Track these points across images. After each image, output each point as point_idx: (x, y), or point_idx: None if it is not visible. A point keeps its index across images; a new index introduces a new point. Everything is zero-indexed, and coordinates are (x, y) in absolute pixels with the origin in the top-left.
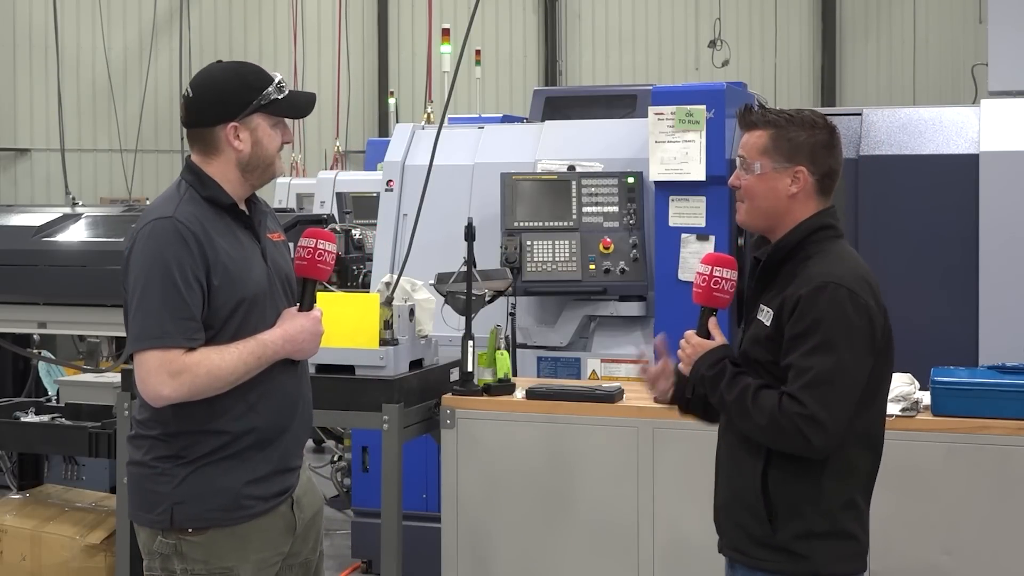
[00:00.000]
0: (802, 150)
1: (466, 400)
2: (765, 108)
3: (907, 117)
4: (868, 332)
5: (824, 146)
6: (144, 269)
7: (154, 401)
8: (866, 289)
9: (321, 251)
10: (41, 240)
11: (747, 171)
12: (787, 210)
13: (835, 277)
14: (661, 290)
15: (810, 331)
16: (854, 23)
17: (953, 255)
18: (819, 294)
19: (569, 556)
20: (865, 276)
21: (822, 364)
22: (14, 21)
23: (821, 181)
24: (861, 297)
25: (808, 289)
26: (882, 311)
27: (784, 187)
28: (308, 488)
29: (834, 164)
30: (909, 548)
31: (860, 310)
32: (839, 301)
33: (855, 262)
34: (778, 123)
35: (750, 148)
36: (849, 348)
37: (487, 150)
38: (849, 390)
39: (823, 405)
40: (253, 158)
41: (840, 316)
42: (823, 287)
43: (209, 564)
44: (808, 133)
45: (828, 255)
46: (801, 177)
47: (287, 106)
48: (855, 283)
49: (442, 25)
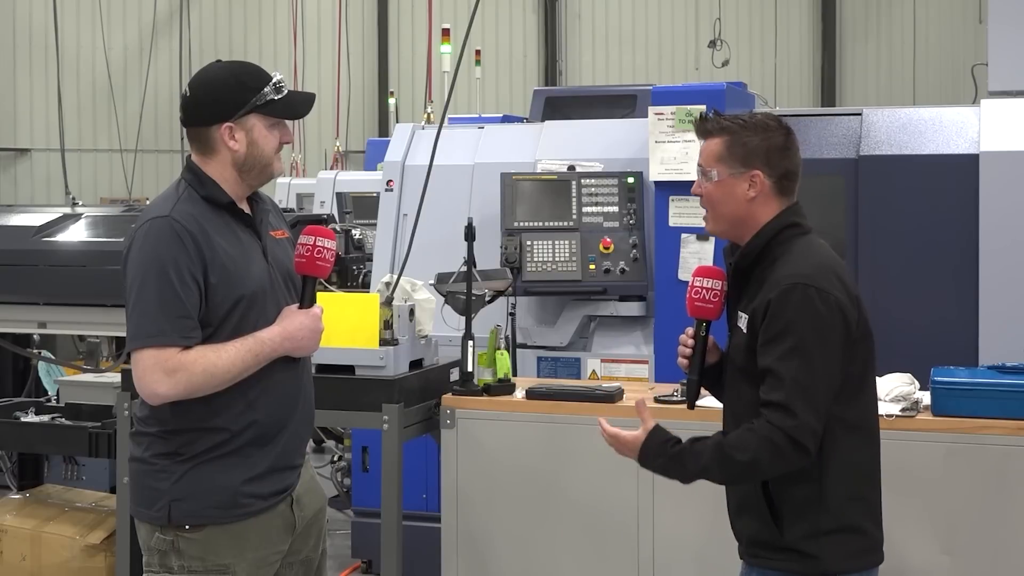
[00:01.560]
0: (757, 154)
1: (466, 400)
2: (720, 115)
3: (907, 117)
4: (841, 327)
5: (779, 148)
6: (140, 268)
7: (151, 399)
8: (834, 283)
9: (320, 248)
10: (41, 240)
11: (706, 179)
12: (749, 214)
13: (802, 277)
14: (661, 290)
15: (782, 335)
16: (854, 23)
17: (953, 255)
18: (787, 296)
19: (569, 556)
20: (833, 268)
21: (799, 369)
22: (14, 21)
23: (779, 183)
24: (830, 293)
25: (776, 292)
26: (854, 301)
27: (742, 192)
28: (310, 487)
29: (790, 165)
30: (909, 548)
31: (830, 307)
32: (808, 301)
33: (821, 256)
34: (731, 129)
35: (707, 156)
36: (823, 346)
37: (487, 150)
38: (827, 391)
39: (809, 407)
40: (249, 158)
41: (811, 315)
42: (791, 288)
43: (206, 561)
44: (762, 136)
45: (793, 254)
46: (758, 181)
47: (283, 107)
48: (822, 279)
49: (442, 25)
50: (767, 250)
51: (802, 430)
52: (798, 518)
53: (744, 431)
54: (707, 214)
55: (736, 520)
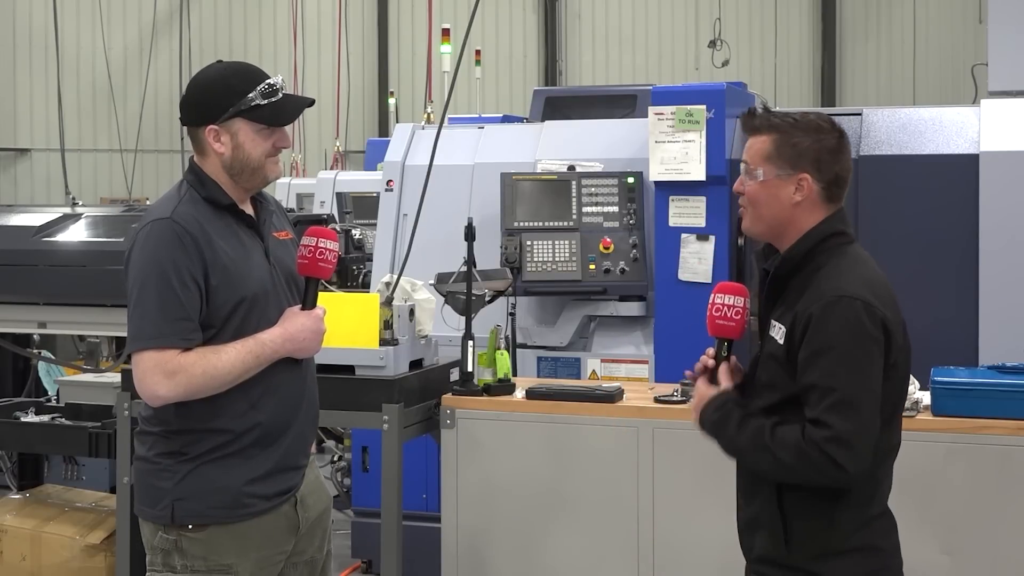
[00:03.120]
0: (806, 156)
1: (466, 400)
2: (769, 111)
3: (907, 117)
4: (884, 346)
5: (831, 151)
6: (141, 270)
7: (151, 401)
8: (883, 299)
9: (323, 249)
10: (41, 240)
11: (750, 177)
12: (791, 219)
13: (848, 291)
14: (661, 290)
15: (827, 349)
16: (854, 23)
17: (953, 255)
18: (832, 309)
19: (569, 556)
20: (881, 285)
21: (846, 384)
22: (14, 21)
23: (827, 189)
24: (877, 309)
25: (820, 305)
26: (899, 323)
27: (788, 195)
28: (315, 487)
29: (841, 171)
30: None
31: (876, 323)
32: (854, 315)
33: (868, 271)
34: (782, 127)
35: (753, 154)
36: (870, 364)
37: (487, 150)
38: (875, 408)
39: (852, 426)
40: (235, 162)
41: (857, 331)
42: (836, 301)
43: (208, 561)
44: (813, 138)
45: (839, 265)
46: (805, 185)
47: (269, 113)
48: (869, 295)
49: (442, 25)
50: (808, 257)
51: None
52: (808, 538)
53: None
54: (746, 213)
55: (745, 535)
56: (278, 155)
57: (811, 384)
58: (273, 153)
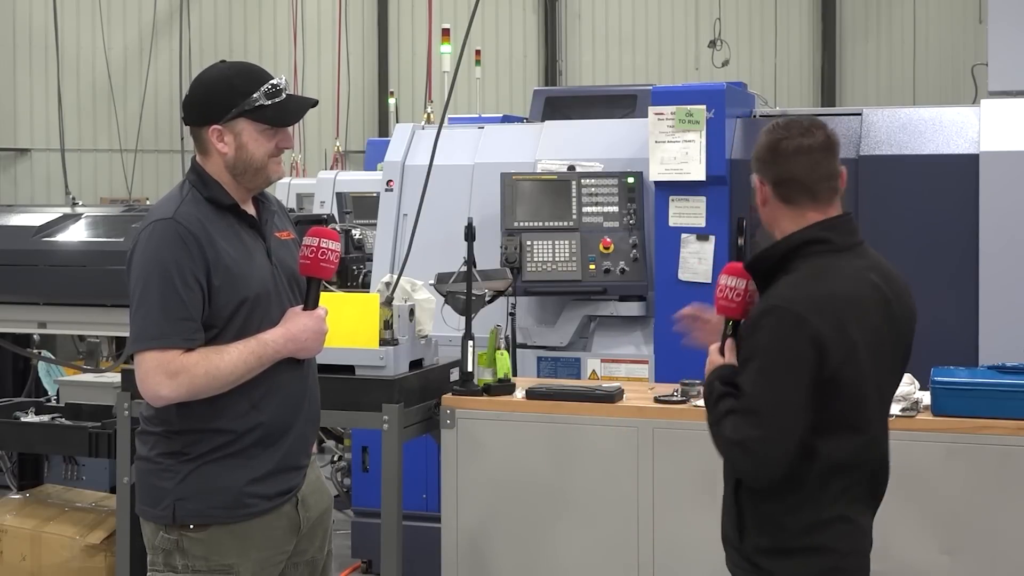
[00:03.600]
0: (755, 159)
1: (466, 400)
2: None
3: (907, 117)
4: (813, 361)
5: (768, 150)
6: (143, 271)
7: (153, 401)
8: (825, 313)
9: (325, 250)
10: (41, 240)
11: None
12: (772, 222)
13: (786, 300)
14: (661, 290)
15: (752, 356)
16: (854, 23)
17: (953, 255)
18: (765, 318)
19: (569, 556)
20: (832, 298)
21: (759, 392)
22: (14, 21)
23: (776, 189)
24: (810, 323)
25: (758, 311)
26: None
27: (759, 200)
28: (316, 487)
29: (781, 171)
30: (909, 548)
31: (804, 336)
32: (781, 327)
33: (829, 282)
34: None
35: None
36: (789, 375)
37: (487, 150)
38: (784, 418)
39: (756, 433)
40: (238, 162)
41: (780, 343)
42: (769, 311)
43: (210, 561)
44: (761, 139)
45: (803, 273)
46: (763, 188)
47: (273, 114)
48: (810, 307)
49: (442, 25)
50: (784, 262)
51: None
52: (759, 533)
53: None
54: None
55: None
56: (281, 155)
57: (740, 384)
58: (276, 153)
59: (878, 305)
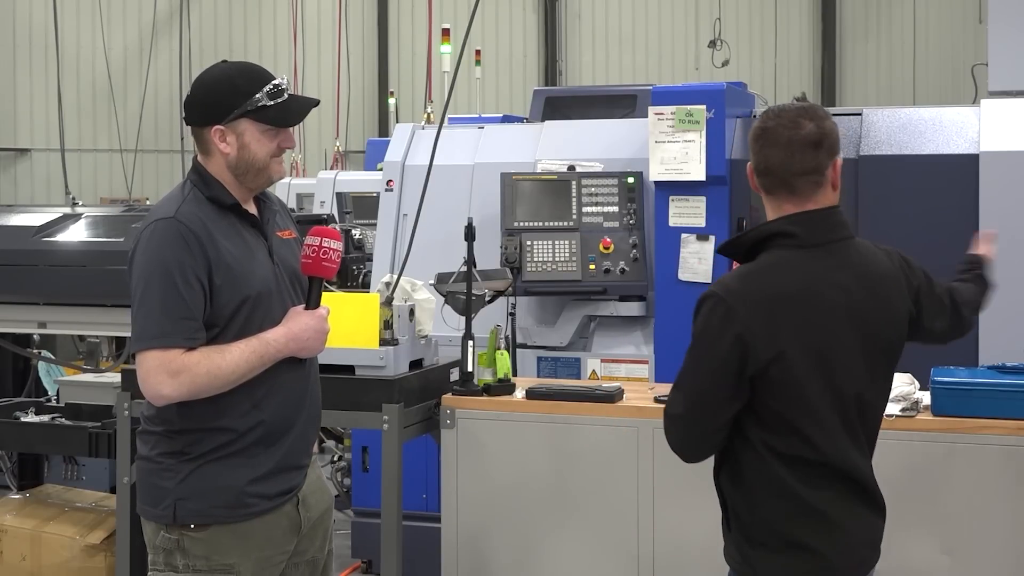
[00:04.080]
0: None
1: (466, 400)
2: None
3: (907, 117)
4: (736, 356)
5: (753, 136)
6: (145, 270)
7: (155, 400)
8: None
9: (327, 249)
10: (41, 240)
11: None
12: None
13: (724, 290)
14: (661, 290)
15: (691, 334)
16: (854, 23)
17: (953, 255)
18: (703, 302)
19: (569, 556)
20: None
21: (683, 372)
22: (14, 21)
23: (757, 178)
24: (739, 319)
25: (703, 293)
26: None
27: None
28: (317, 487)
29: (760, 160)
30: (909, 548)
31: (726, 328)
32: (712, 316)
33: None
34: None
35: None
36: (706, 361)
37: (487, 150)
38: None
39: (673, 410)
40: (240, 162)
41: (704, 329)
42: (709, 296)
43: (210, 560)
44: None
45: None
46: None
47: (275, 114)
48: (744, 303)
49: (442, 25)
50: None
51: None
52: (737, 521)
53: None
54: None
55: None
56: (282, 155)
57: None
58: (278, 153)
59: (835, 306)
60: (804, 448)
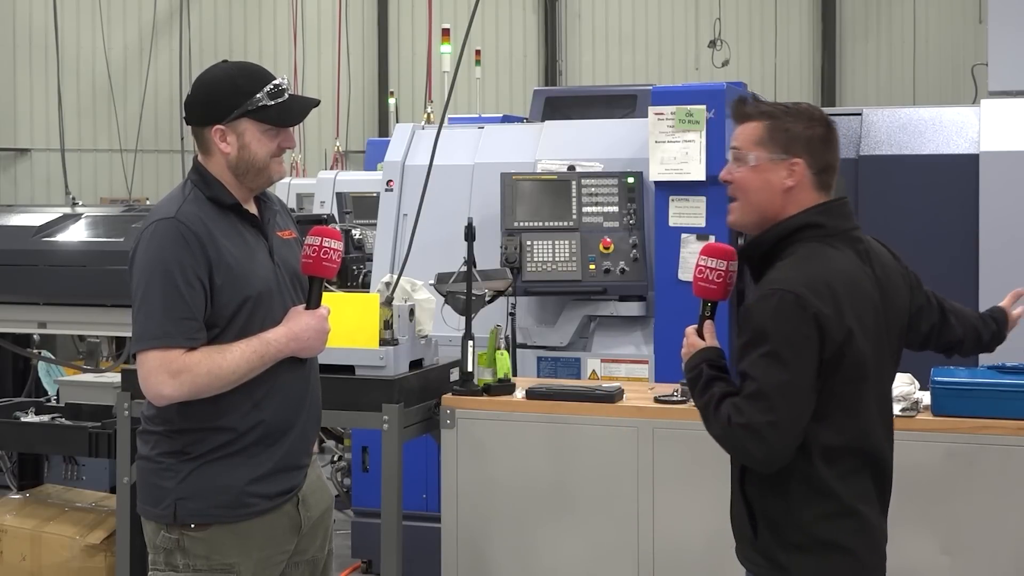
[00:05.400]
0: (799, 141)
1: (466, 400)
2: (759, 100)
3: (907, 117)
4: (816, 341)
5: (821, 140)
6: (146, 270)
7: (156, 400)
8: (823, 295)
9: (327, 249)
10: (41, 240)
11: (740, 163)
12: (781, 206)
13: (785, 283)
14: (661, 290)
15: (756, 340)
16: (854, 23)
17: (953, 255)
18: (765, 302)
19: (569, 556)
20: (828, 281)
21: (766, 376)
22: (14, 21)
23: (819, 176)
24: (811, 304)
25: (757, 296)
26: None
27: (779, 180)
28: (317, 487)
29: (831, 159)
30: (909, 548)
31: (807, 318)
32: (784, 309)
33: (824, 266)
34: (774, 114)
35: (744, 139)
36: (795, 358)
37: (487, 150)
38: (794, 402)
39: (765, 418)
40: (241, 162)
41: (784, 325)
42: (770, 294)
43: (211, 560)
44: (805, 125)
45: (795, 259)
46: (797, 170)
47: (276, 114)
48: (808, 289)
49: (442, 25)
50: (781, 246)
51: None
52: (770, 527)
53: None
54: (735, 204)
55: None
56: (282, 155)
57: (742, 371)
58: (278, 153)
59: (870, 293)
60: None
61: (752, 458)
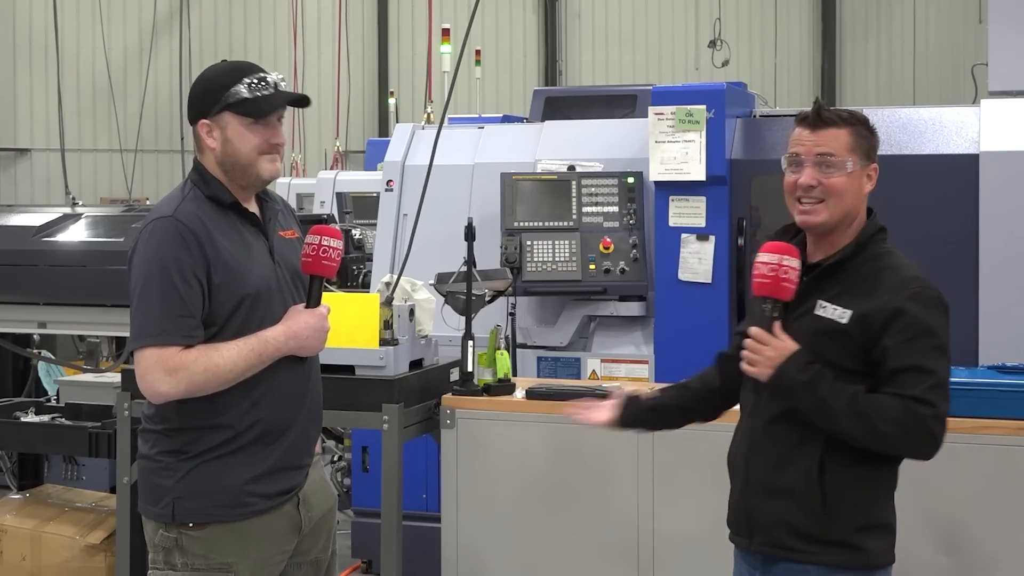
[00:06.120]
0: (874, 148)
1: (466, 400)
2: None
3: (907, 117)
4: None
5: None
6: (144, 268)
7: (153, 398)
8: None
9: (327, 248)
10: (41, 240)
11: (836, 169)
12: (860, 209)
13: (925, 281)
14: (661, 290)
15: (925, 335)
16: (854, 23)
17: (953, 255)
18: (924, 298)
19: (569, 556)
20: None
21: (941, 368)
22: (14, 21)
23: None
24: (944, 301)
25: (908, 295)
26: None
27: (863, 185)
28: (319, 487)
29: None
30: (909, 548)
31: (948, 316)
32: (937, 306)
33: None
34: (852, 121)
35: (839, 145)
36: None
37: (487, 150)
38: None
39: (946, 407)
40: (225, 157)
41: (942, 320)
42: (922, 291)
43: (209, 559)
44: (872, 132)
45: (898, 257)
46: (874, 176)
47: (252, 106)
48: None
49: (442, 25)
50: (861, 248)
51: (939, 422)
52: (851, 508)
53: (892, 399)
54: (821, 205)
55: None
56: (274, 153)
57: (909, 366)
58: (267, 150)
59: None
60: None
61: (936, 445)
